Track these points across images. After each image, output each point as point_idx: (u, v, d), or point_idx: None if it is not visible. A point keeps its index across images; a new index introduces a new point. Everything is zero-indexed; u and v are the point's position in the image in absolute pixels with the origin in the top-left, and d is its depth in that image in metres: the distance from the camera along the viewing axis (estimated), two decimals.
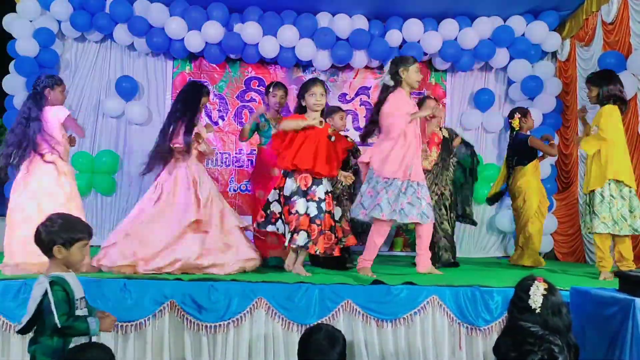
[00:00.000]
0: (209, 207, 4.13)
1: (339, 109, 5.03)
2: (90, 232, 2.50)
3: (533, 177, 5.36)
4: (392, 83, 4.13)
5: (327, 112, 4.66)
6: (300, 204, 4.01)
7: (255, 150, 6.81)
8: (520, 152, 5.39)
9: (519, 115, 5.46)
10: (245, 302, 3.45)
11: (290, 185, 4.08)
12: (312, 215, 3.99)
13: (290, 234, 3.99)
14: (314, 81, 4.21)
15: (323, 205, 4.03)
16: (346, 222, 4.41)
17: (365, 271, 4.11)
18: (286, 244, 4.04)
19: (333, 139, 4.16)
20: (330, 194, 4.17)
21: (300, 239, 3.95)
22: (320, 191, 4.05)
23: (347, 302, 3.49)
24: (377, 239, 4.16)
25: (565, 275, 4.64)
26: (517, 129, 5.47)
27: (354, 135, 6.17)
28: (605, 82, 4.40)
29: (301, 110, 4.20)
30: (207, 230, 4.07)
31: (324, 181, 4.12)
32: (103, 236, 6.61)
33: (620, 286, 3.11)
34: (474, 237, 6.83)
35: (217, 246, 4.04)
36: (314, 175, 4.06)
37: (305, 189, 4.04)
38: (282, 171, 4.22)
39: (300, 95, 4.19)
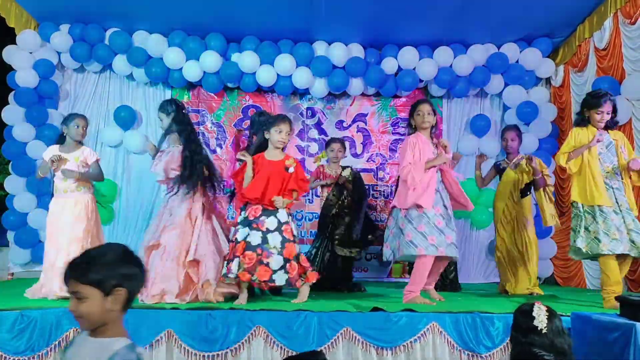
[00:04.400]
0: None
1: (333, 140, 5.50)
2: None
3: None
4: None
5: (326, 142, 5.43)
6: (240, 232, 3.98)
7: None
8: None
9: None
10: (244, 331, 3.42)
11: (241, 216, 4.10)
12: (253, 243, 3.92)
13: (226, 263, 3.96)
14: (283, 118, 4.18)
15: (270, 236, 3.94)
16: (304, 259, 4.16)
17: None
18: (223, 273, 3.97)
19: (291, 170, 4.08)
20: (289, 224, 4.07)
21: (234, 266, 3.89)
22: (270, 222, 3.99)
23: (347, 329, 3.45)
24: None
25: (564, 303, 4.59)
26: None
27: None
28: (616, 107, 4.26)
29: (264, 143, 4.17)
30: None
31: (279, 213, 4.04)
32: None
33: (622, 311, 3.09)
34: (474, 263, 6.81)
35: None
36: (264, 207, 4.03)
37: (253, 218, 4.00)
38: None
39: (266, 128, 4.15)
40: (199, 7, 5.88)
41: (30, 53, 6.34)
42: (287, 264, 3.94)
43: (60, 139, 4.56)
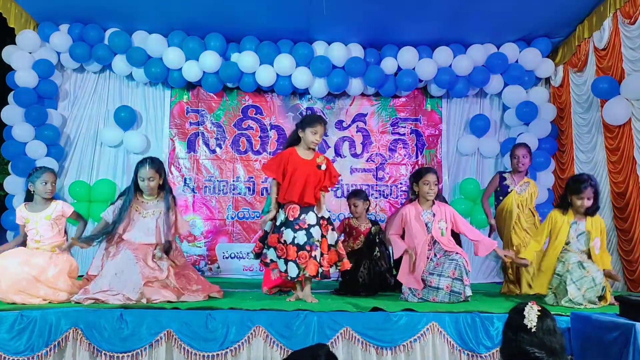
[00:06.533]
0: None
1: (357, 194, 5.20)
2: None
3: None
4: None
5: (348, 195, 5.24)
6: (285, 234, 4.05)
7: (252, 177, 6.89)
8: None
9: None
10: (243, 331, 3.41)
11: (280, 216, 4.15)
12: (301, 243, 4.00)
13: (284, 263, 4.04)
14: (319, 120, 4.22)
15: (313, 230, 4.05)
16: (341, 247, 4.33)
17: None
18: (281, 272, 4.07)
19: (323, 167, 4.15)
20: (325, 219, 4.20)
21: (292, 270, 3.99)
22: (310, 218, 4.08)
23: (346, 329, 3.45)
24: None
25: None
26: None
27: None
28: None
29: (296, 140, 4.21)
30: None
31: (315, 208, 4.15)
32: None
33: (621, 310, 3.09)
34: (474, 263, 6.77)
35: None
36: (302, 205, 4.09)
37: (293, 219, 4.06)
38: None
39: (301, 127, 4.19)
40: (199, 7, 5.88)
41: (30, 53, 6.34)
42: (322, 258, 4.06)
43: (28, 196, 4.19)
